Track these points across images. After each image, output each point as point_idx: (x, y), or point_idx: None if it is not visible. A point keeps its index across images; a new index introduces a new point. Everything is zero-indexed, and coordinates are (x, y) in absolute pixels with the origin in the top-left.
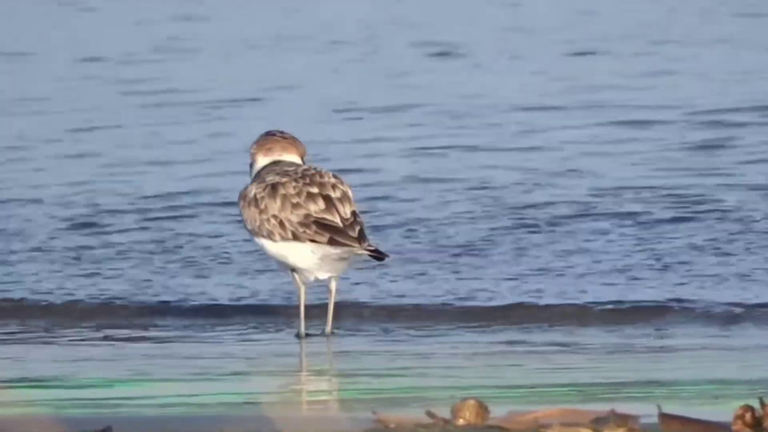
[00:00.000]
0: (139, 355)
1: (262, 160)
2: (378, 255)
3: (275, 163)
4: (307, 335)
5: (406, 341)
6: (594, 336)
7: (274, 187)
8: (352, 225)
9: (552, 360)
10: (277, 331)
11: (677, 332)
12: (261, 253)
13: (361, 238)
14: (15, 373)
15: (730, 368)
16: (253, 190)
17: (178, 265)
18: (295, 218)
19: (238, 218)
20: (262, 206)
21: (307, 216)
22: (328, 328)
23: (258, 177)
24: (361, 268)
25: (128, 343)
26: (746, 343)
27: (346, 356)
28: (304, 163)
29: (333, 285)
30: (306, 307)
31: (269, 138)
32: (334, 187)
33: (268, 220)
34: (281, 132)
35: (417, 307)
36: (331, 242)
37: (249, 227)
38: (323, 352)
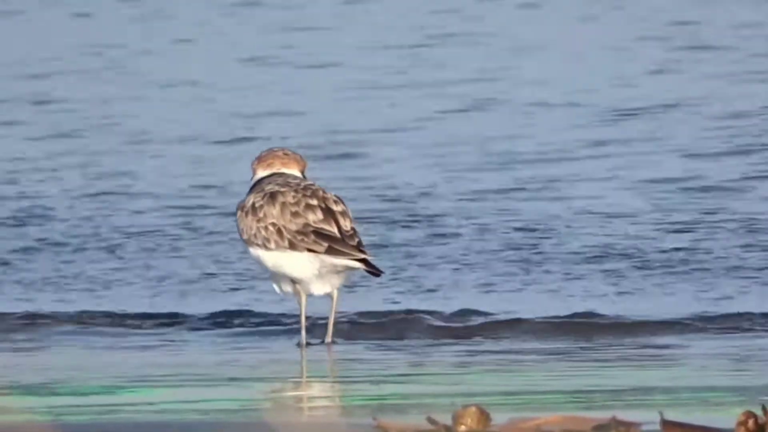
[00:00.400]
0: (139, 361)
1: (261, 173)
2: (374, 271)
3: (276, 175)
4: (308, 344)
5: (407, 349)
6: (597, 345)
7: (272, 196)
8: (351, 236)
9: (553, 367)
10: (277, 339)
11: (678, 341)
12: (256, 266)
13: (359, 248)
14: (14, 380)
15: (731, 375)
16: (251, 200)
17: (181, 274)
18: (293, 227)
19: (234, 232)
20: (261, 214)
21: (306, 225)
22: (329, 338)
23: (256, 188)
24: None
25: (128, 349)
26: (747, 350)
27: (347, 363)
28: (305, 178)
29: (335, 294)
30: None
31: (270, 153)
32: (336, 202)
33: (266, 227)
34: (283, 149)
35: (420, 318)
36: (330, 251)
37: (244, 237)
38: (324, 359)
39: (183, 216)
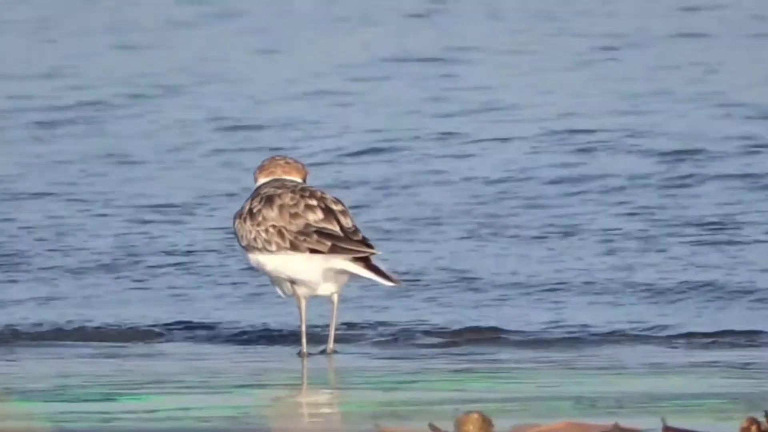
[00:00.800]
0: (141, 369)
1: (262, 180)
2: (388, 279)
3: (275, 181)
4: (309, 354)
5: (410, 356)
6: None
7: (269, 199)
8: (354, 232)
9: (556, 373)
10: (278, 347)
11: (680, 349)
12: (257, 273)
13: (365, 244)
14: (16, 387)
15: (734, 382)
16: (248, 206)
17: (183, 284)
18: (294, 228)
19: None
20: (259, 218)
21: (307, 225)
22: (330, 346)
23: (254, 194)
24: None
25: (131, 358)
26: (750, 359)
27: (349, 370)
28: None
29: (336, 299)
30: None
31: (272, 161)
32: (335, 202)
33: (266, 230)
34: (285, 157)
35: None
36: (333, 250)
37: (243, 243)
38: (325, 367)
39: (183, 223)
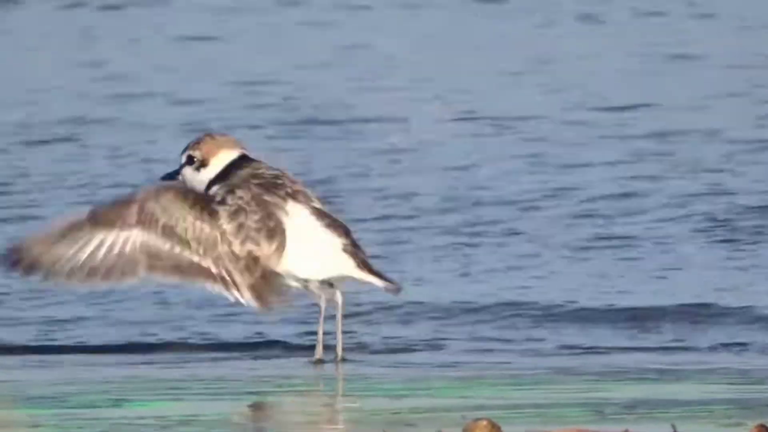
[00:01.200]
0: (146, 374)
1: (227, 156)
2: (394, 287)
3: (247, 160)
4: (321, 361)
5: (418, 363)
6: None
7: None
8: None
9: (565, 380)
10: (289, 354)
11: (690, 355)
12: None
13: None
14: (22, 393)
15: (742, 388)
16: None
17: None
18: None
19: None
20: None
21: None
22: (339, 351)
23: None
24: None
25: (135, 363)
26: (757, 365)
27: (356, 377)
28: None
29: (339, 299)
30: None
31: (220, 135)
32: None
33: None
34: (218, 132)
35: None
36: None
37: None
38: (333, 374)
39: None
